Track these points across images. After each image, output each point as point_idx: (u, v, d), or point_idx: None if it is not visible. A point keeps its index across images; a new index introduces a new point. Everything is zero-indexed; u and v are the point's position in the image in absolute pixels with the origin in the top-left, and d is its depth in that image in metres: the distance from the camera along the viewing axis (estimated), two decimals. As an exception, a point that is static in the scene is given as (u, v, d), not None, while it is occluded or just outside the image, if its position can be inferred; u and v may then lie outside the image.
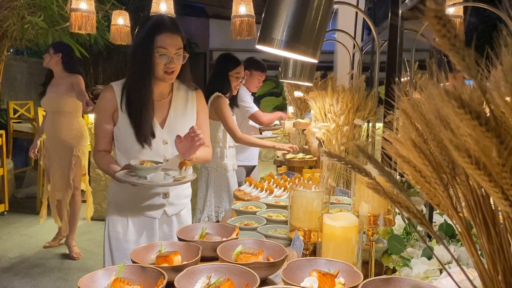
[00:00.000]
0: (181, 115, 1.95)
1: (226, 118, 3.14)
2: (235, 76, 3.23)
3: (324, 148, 2.25)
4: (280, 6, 1.09)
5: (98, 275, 1.10)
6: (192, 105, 2.00)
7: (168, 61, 1.80)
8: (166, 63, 1.80)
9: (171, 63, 1.81)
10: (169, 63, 1.80)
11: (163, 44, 1.79)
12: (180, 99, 1.98)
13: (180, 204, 2.00)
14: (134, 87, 1.84)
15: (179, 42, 1.83)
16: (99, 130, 1.91)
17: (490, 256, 0.51)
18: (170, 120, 1.92)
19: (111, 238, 1.92)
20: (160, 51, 1.79)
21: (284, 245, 1.33)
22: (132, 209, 1.92)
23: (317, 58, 1.15)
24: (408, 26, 1.80)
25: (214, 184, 3.25)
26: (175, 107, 1.94)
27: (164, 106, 1.93)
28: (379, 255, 1.41)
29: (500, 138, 0.40)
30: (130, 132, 1.84)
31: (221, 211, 3.23)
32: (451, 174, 0.53)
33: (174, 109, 1.94)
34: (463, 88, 0.46)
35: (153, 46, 1.78)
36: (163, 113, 1.92)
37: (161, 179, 1.66)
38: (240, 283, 1.10)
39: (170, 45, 1.80)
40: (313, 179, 2.54)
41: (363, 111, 2.13)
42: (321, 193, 1.29)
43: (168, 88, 1.96)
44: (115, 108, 1.86)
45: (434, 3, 0.39)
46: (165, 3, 3.20)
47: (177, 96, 1.97)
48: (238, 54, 3.57)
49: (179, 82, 1.99)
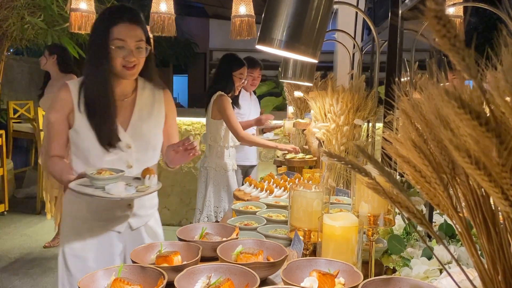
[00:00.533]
0: (146, 117, 1.77)
1: (229, 116, 3.15)
2: (239, 76, 3.26)
3: (324, 148, 2.24)
4: (280, 6, 1.09)
5: (98, 275, 1.10)
6: (159, 106, 1.82)
7: (126, 54, 1.62)
8: (125, 56, 1.62)
9: (130, 57, 1.63)
10: (127, 56, 1.62)
11: (120, 36, 1.61)
12: (146, 99, 1.79)
13: (147, 215, 1.84)
14: (92, 84, 1.66)
15: (139, 34, 1.65)
16: (52, 133, 1.70)
17: (490, 256, 0.51)
18: (134, 122, 1.73)
19: (66, 255, 1.70)
20: (117, 43, 1.61)
21: (284, 245, 1.33)
22: (91, 222, 1.72)
23: (317, 58, 1.15)
24: (408, 26, 1.80)
25: (213, 184, 3.25)
26: (140, 108, 1.76)
27: (127, 106, 1.74)
28: (379, 255, 1.41)
29: (500, 138, 0.40)
30: (90, 135, 1.65)
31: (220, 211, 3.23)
32: (451, 174, 0.53)
33: (139, 110, 1.75)
34: (463, 88, 0.46)
35: (109, 38, 1.61)
36: (126, 114, 1.73)
37: (121, 190, 1.47)
38: (240, 283, 1.10)
39: (128, 36, 1.62)
40: (313, 179, 2.54)
41: (363, 111, 2.13)
42: (321, 193, 1.29)
43: (131, 87, 1.77)
44: (71, 108, 1.67)
45: (434, 3, 0.39)
46: (165, 3, 3.20)
47: (142, 96, 1.78)
48: (238, 54, 3.58)
49: (144, 81, 1.80)
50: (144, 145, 1.76)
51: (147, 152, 1.77)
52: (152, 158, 1.80)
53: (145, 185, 1.55)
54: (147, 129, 1.75)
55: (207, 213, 3.25)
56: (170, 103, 1.88)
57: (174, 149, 1.66)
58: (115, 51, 1.62)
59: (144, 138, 1.75)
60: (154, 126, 1.79)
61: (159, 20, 3.17)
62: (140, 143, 1.74)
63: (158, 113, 1.81)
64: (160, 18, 3.17)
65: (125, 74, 1.66)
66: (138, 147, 1.73)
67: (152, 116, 1.78)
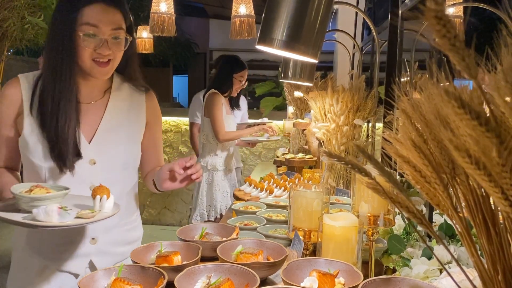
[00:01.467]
0: (118, 125, 1.40)
1: (215, 115, 3.14)
2: (239, 79, 3.27)
3: (324, 148, 2.24)
4: (280, 6, 1.09)
5: (98, 275, 1.10)
6: (138, 113, 1.45)
7: (99, 44, 1.25)
8: (96, 47, 1.25)
9: (104, 48, 1.26)
10: (100, 47, 1.25)
11: (92, 20, 1.24)
12: (120, 103, 1.42)
13: (119, 254, 1.41)
14: (50, 81, 1.28)
15: (118, 20, 1.28)
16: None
17: (490, 256, 0.51)
18: (102, 133, 1.36)
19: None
20: (87, 30, 1.24)
21: (284, 245, 1.33)
22: (42, 259, 1.34)
23: (317, 58, 1.15)
24: (408, 26, 1.80)
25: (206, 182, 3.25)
26: (111, 114, 1.39)
27: (94, 111, 1.37)
28: (379, 255, 1.41)
29: (500, 138, 0.40)
30: (40, 148, 1.28)
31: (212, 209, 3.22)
32: (451, 174, 0.53)
33: (109, 117, 1.38)
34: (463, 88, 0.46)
35: (77, 22, 1.24)
36: (92, 121, 1.36)
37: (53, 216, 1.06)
38: (240, 283, 1.10)
39: (103, 21, 1.25)
40: (313, 179, 2.54)
41: (363, 111, 2.13)
42: (321, 193, 1.29)
43: (103, 86, 1.40)
44: (19, 110, 1.31)
45: (434, 3, 0.39)
46: (165, 3, 3.20)
47: (116, 99, 1.41)
48: (238, 54, 3.58)
49: (122, 80, 1.44)
50: (113, 161, 1.38)
51: (117, 171, 1.39)
52: (125, 178, 1.43)
53: (91, 211, 1.15)
54: (117, 141, 1.39)
55: (199, 212, 3.25)
56: (154, 109, 1.51)
57: (171, 170, 1.33)
58: (84, 40, 1.24)
59: (113, 153, 1.38)
60: (127, 138, 1.42)
61: (159, 20, 3.17)
62: (108, 159, 1.37)
63: (136, 121, 1.45)
64: (160, 18, 3.17)
65: (95, 71, 1.29)
66: (105, 164, 1.36)
67: (125, 124, 1.42)
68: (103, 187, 1.20)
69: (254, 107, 6.09)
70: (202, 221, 3.20)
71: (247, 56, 8.76)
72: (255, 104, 6.37)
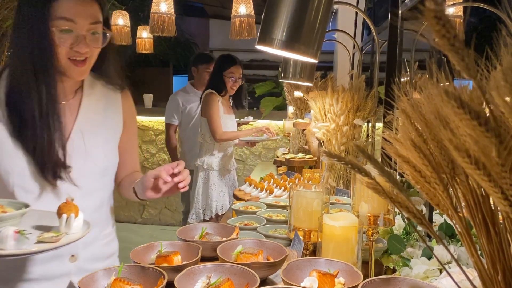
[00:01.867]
0: (95, 127, 1.27)
1: (211, 115, 3.14)
2: (229, 76, 3.21)
3: (324, 148, 2.24)
4: (280, 6, 1.09)
5: (98, 275, 1.10)
6: (115, 113, 1.33)
7: (76, 41, 1.12)
8: (73, 44, 1.12)
9: (82, 46, 1.12)
10: (78, 45, 1.12)
11: (67, 13, 1.10)
12: (96, 102, 1.29)
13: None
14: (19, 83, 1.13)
15: (96, 12, 1.15)
16: None
17: (490, 256, 0.51)
18: (76, 136, 1.23)
19: None
20: (62, 25, 1.10)
21: (284, 245, 1.34)
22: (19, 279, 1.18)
23: (317, 58, 1.15)
24: (408, 26, 1.80)
25: (202, 182, 3.25)
26: (87, 115, 1.26)
27: (66, 113, 1.22)
28: (379, 255, 1.41)
29: (500, 138, 0.40)
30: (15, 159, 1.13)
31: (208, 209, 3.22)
32: (451, 174, 0.53)
33: (84, 118, 1.25)
34: (462, 88, 0.46)
35: (50, 16, 1.09)
36: (66, 124, 1.21)
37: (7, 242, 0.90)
38: (240, 283, 1.10)
39: (80, 15, 1.11)
40: (313, 179, 2.54)
41: (363, 111, 2.13)
42: (321, 193, 1.29)
43: (74, 84, 1.25)
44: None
45: (434, 3, 0.39)
46: (165, 3, 3.20)
47: (90, 98, 1.28)
48: (238, 54, 3.58)
49: (94, 77, 1.29)
50: (91, 168, 1.25)
51: (95, 179, 1.27)
52: (104, 186, 1.32)
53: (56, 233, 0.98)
54: (95, 145, 1.26)
55: (195, 211, 3.25)
56: (130, 108, 1.39)
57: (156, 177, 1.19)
58: (59, 37, 1.11)
59: (91, 158, 1.24)
60: (105, 141, 1.29)
61: (159, 20, 3.17)
62: (85, 166, 1.23)
63: (113, 122, 1.32)
64: (160, 18, 3.17)
65: (71, 71, 1.16)
66: (82, 171, 1.21)
67: (103, 126, 1.29)
68: (71, 203, 1.03)
69: (254, 107, 6.09)
70: (198, 221, 3.20)
71: (247, 56, 8.78)
72: (255, 104, 6.37)
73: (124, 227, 5.19)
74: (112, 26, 4.09)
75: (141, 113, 5.31)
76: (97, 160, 1.26)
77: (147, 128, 5.34)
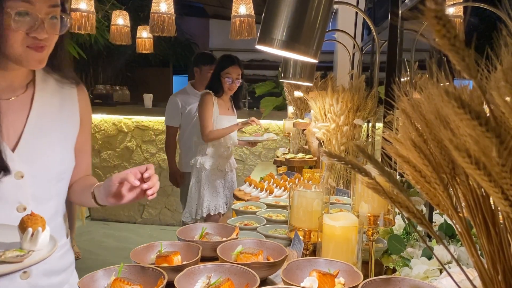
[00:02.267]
0: (49, 126, 1.14)
1: (202, 115, 3.14)
2: (225, 76, 3.18)
3: (324, 148, 2.24)
4: (280, 6, 1.09)
5: (98, 275, 1.10)
6: (71, 109, 1.20)
7: (33, 26, 1.00)
8: (30, 29, 1.00)
9: (40, 31, 1.00)
10: (36, 30, 1.00)
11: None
12: (50, 98, 1.16)
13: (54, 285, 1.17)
14: None
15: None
16: None
17: (490, 256, 0.51)
18: (29, 136, 1.09)
19: None
20: (18, 7, 0.97)
21: (284, 245, 1.34)
22: None
23: (317, 58, 1.15)
24: (408, 26, 1.80)
25: (195, 181, 3.25)
26: (40, 112, 1.12)
27: (17, 110, 1.09)
28: (379, 255, 1.41)
29: (500, 138, 0.40)
30: None
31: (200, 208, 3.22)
32: (451, 174, 0.53)
33: (37, 116, 1.12)
34: (463, 88, 0.46)
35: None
36: (15, 123, 1.08)
37: None
38: (240, 283, 1.10)
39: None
40: (313, 179, 2.54)
41: (363, 111, 2.13)
42: (321, 193, 1.29)
43: (25, 77, 1.12)
44: None
45: (434, 3, 0.39)
46: (165, 3, 3.20)
47: (43, 93, 1.14)
48: (238, 54, 3.57)
49: (46, 70, 1.16)
50: (46, 172, 1.12)
51: (51, 184, 1.14)
52: (60, 192, 1.20)
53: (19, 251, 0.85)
54: (50, 147, 1.12)
55: (188, 209, 3.25)
56: (86, 105, 1.26)
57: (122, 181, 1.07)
58: (16, 21, 0.98)
59: (46, 162, 1.11)
60: (62, 141, 1.16)
61: (159, 20, 3.18)
62: (39, 170, 1.10)
63: (70, 119, 1.20)
64: (160, 18, 3.18)
65: (30, 58, 1.02)
66: (36, 176, 1.09)
67: (58, 124, 1.16)
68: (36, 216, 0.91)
69: (254, 107, 6.09)
70: (191, 220, 3.20)
71: (247, 56, 8.77)
72: (255, 104, 6.37)
73: (124, 227, 5.20)
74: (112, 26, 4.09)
75: (141, 113, 5.31)
76: (53, 164, 1.13)
77: (147, 128, 5.35)
